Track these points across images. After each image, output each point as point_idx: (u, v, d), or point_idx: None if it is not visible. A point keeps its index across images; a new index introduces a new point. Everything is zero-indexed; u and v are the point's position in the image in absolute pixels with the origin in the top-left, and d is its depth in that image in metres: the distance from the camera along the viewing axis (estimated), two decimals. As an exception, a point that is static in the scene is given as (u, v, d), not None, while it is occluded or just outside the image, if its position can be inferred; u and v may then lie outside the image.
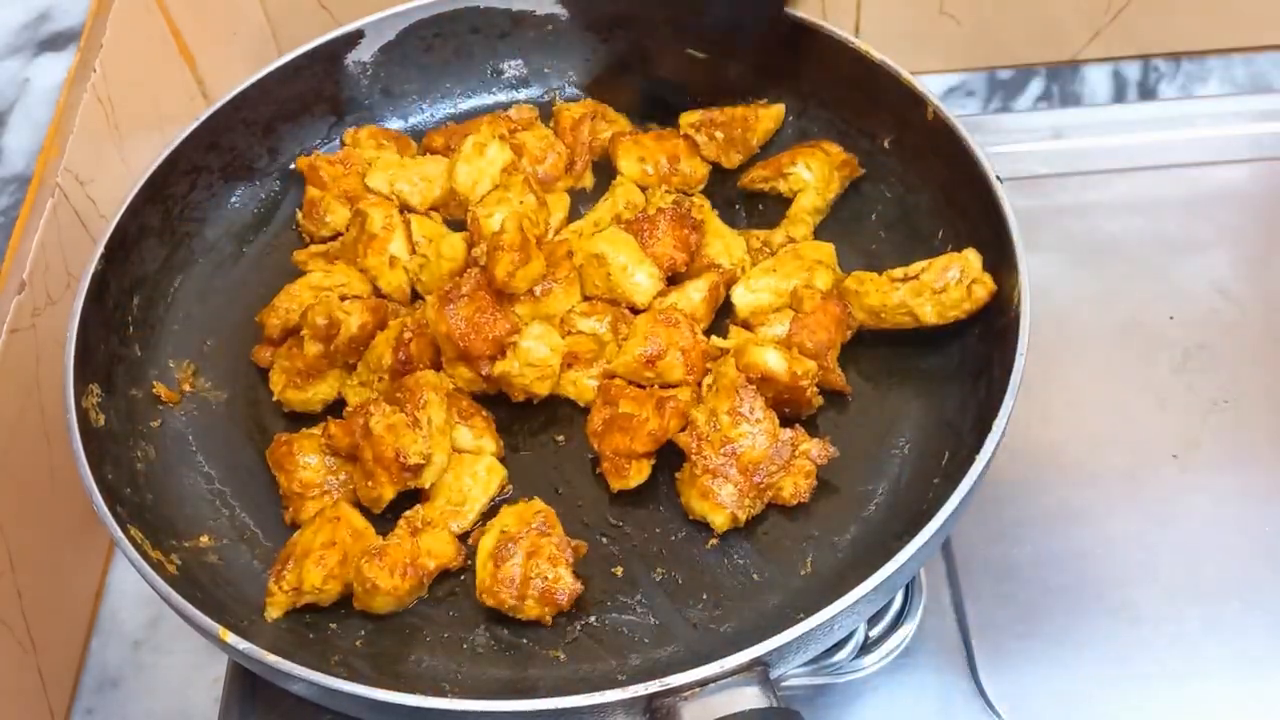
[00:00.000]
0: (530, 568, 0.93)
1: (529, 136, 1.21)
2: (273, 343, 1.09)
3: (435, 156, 1.20)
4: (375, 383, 1.05)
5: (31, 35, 1.17)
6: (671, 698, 0.81)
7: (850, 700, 1.04)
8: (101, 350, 1.05)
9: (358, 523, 0.98)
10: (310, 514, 1.00)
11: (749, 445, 0.96)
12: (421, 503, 1.00)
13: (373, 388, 1.05)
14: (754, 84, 1.23)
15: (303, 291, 1.09)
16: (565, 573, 0.94)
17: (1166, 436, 1.19)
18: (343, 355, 1.05)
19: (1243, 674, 1.05)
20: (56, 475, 1.10)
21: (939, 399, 1.04)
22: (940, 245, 1.12)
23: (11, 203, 1.08)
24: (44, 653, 1.07)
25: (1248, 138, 1.41)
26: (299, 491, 1.00)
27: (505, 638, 0.96)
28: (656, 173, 1.19)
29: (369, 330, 1.05)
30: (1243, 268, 1.31)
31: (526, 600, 0.93)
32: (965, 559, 1.11)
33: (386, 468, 0.97)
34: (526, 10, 1.27)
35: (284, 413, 1.08)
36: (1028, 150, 1.42)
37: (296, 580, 0.94)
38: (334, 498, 1.00)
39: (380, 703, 0.83)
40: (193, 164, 1.16)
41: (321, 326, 1.03)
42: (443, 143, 1.23)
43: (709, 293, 1.07)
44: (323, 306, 1.04)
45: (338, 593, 0.95)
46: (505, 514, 0.98)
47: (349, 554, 0.95)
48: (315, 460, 1.01)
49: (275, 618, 0.95)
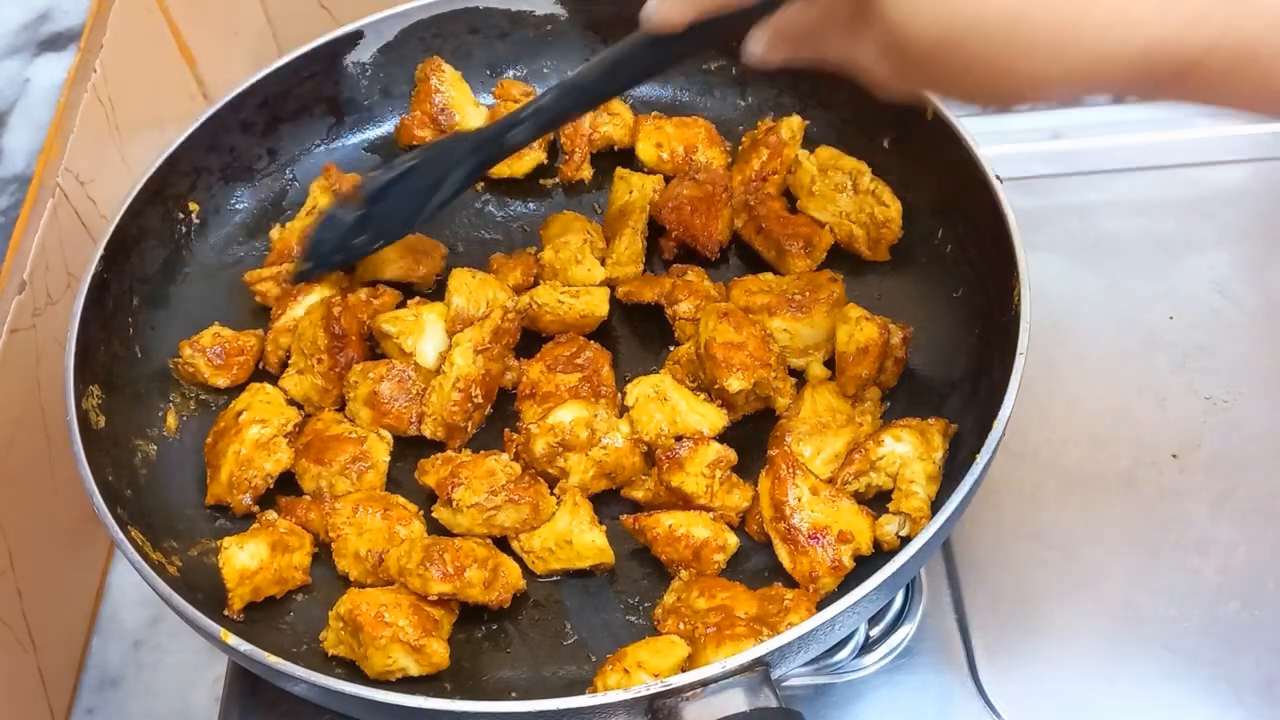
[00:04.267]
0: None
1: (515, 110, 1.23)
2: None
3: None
4: (314, 366, 1.06)
5: (31, 35, 1.17)
6: (673, 698, 0.81)
7: (850, 700, 1.04)
8: (102, 351, 1.05)
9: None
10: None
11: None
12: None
13: (313, 373, 1.06)
14: (752, 83, 1.24)
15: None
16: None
17: (1166, 436, 1.19)
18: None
19: (1243, 674, 1.05)
20: (57, 475, 1.10)
21: (938, 399, 1.04)
22: (940, 245, 1.12)
23: (12, 203, 1.08)
24: (44, 653, 1.07)
25: (1248, 138, 1.41)
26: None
27: (507, 635, 0.96)
28: (672, 160, 1.20)
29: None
30: (1243, 268, 1.31)
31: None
32: (965, 559, 1.11)
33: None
34: (526, 10, 1.27)
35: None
36: (1028, 150, 1.41)
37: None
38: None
39: (380, 703, 0.83)
40: (193, 164, 1.16)
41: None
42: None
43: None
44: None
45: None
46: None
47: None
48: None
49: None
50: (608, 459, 0.99)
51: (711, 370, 1.01)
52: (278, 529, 0.98)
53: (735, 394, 1.01)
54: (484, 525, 0.97)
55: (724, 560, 0.96)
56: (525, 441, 1.00)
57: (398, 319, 1.07)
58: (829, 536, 0.94)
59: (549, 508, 0.98)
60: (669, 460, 0.97)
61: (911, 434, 0.98)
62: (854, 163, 1.15)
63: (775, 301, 1.07)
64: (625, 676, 0.87)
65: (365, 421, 1.05)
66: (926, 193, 1.14)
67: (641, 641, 0.91)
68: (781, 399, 1.03)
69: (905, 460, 0.98)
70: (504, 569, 0.95)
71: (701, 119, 1.23)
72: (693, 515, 0.97)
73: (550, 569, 0.98)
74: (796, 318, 1.06)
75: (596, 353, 1.06)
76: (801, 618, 0.88)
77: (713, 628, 0.89)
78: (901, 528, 0.95)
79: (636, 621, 0.96)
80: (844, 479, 0.98)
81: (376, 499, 1.00)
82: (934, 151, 1.11)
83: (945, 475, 0.98)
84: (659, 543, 0.96)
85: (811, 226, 1.13)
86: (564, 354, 1.06)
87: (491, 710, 0.81)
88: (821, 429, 1.01)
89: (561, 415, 0.99)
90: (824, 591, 0.94)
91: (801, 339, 1.06)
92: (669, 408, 1.01)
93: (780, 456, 0.96)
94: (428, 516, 1.00)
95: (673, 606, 0.94)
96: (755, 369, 1.01)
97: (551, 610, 0.98)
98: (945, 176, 1.11)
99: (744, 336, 1.02)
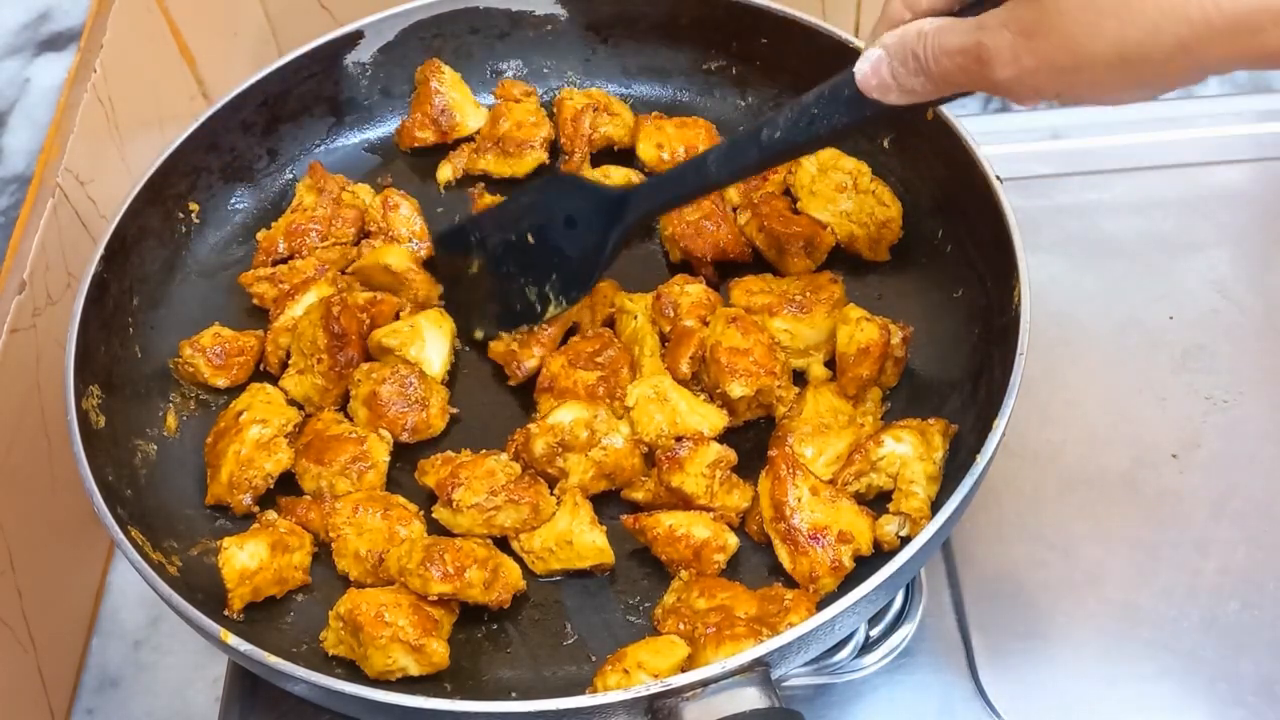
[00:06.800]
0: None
1: (516, 109, 1.23)
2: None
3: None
4: (314, 366, 1.06)
5: (32, 35, 1.17)
6: (673, 698, 0.81)
7: (850, 700, 1.04)
8: (102, 351, 1.04)
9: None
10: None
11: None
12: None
13: (313, 372, 1.06)
14: (752, 83, 1.24)
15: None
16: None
17: (1166, 436, 1.19)
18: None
19: (1243, 674, 1.05)
20: (57, 475, 1.10)
21: (938, 399, 1.04)
22: (940, 245, 1.12)
23: (12, 203, 1.08)
24: (44, 653, 1.07)
25: (1248, 138, 1.41)
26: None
27: (507, 635, 0.96)
28: (673, 160, 1.20)
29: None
30: (1243, 268, 1.31)
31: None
32: (965, 559, 1.11)
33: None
34: (526, 10, 1.27)
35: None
36: (1028, 150, 1.42)
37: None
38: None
39: (380, 703, 0.83)
40: (193, 165, 1.16)
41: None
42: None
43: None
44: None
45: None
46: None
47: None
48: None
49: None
50: (607, 460, 0.99)
51: (715, 374, 1.01)
52: (278, 529, 0.98)
53: (737, 399, 1.01)
54: (484, 526, 0.97)
55: (724, 560, 0.96)
56: (525, 441, 1.00)
57: (396, 332, 1.07)
58: (829, 537, 0.94)
59: (549, 508, 0.98)
60: (669, 461, 0.97)
61: (912, 434, 0.98)
62: (854, 163, 1.15)
63: (776, 302, 1.07)
64: (625, 676, 0.87)
65: (362, 421, 1.05)
66: (926, 193, 1.14)
67: (641, 641, 0.91)
68: (782, 407, 1.03)
69: (905, 460, 0.97)
70: (504, 569, 0.95)
71: (701, 119, 1.23)
72: (693, 515, 0.97)
73: (550, 569, 0.98)
74: (797, 318, 1.06)
75: (619, 352, 1.06)
76: (801, 618, 0.88)
77: (713, 628, 0.89)
78: (901, 528, 0.95)
79: (636, 621, 0.96)
80: (844, 479, 0.98)
81: (376, 499, 1.00)
82: (934, 151, 1.11)
83: (945, 475, 0.98)
84: (659, 543, 0.96)
85: (813, 227, 1.13)
86: (587, 350, 1.06)
87: (491, 710, 0.81)
88: (823, 430, 1.01)
89: (561, 415, 0.99)
90: (824, 592, 0.94)
91: (802, 339, 1.06)
92: (669, 408, 1.01)
93: (780, 457, 0.96)
94: (428, 517, 1.00)
95: (673, 606, 0.94)
96: (759, 376, 1.01)
97: (551, 610, 0.98)
98: (945, 176, 1.11)
99: (750, 343, 1.02)
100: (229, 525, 1.02)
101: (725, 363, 1.01)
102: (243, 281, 1.14)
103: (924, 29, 0.77)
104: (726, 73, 1.26)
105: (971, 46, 0.73)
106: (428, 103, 1.23)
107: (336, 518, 0.98)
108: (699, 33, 1.25)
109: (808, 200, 1.15)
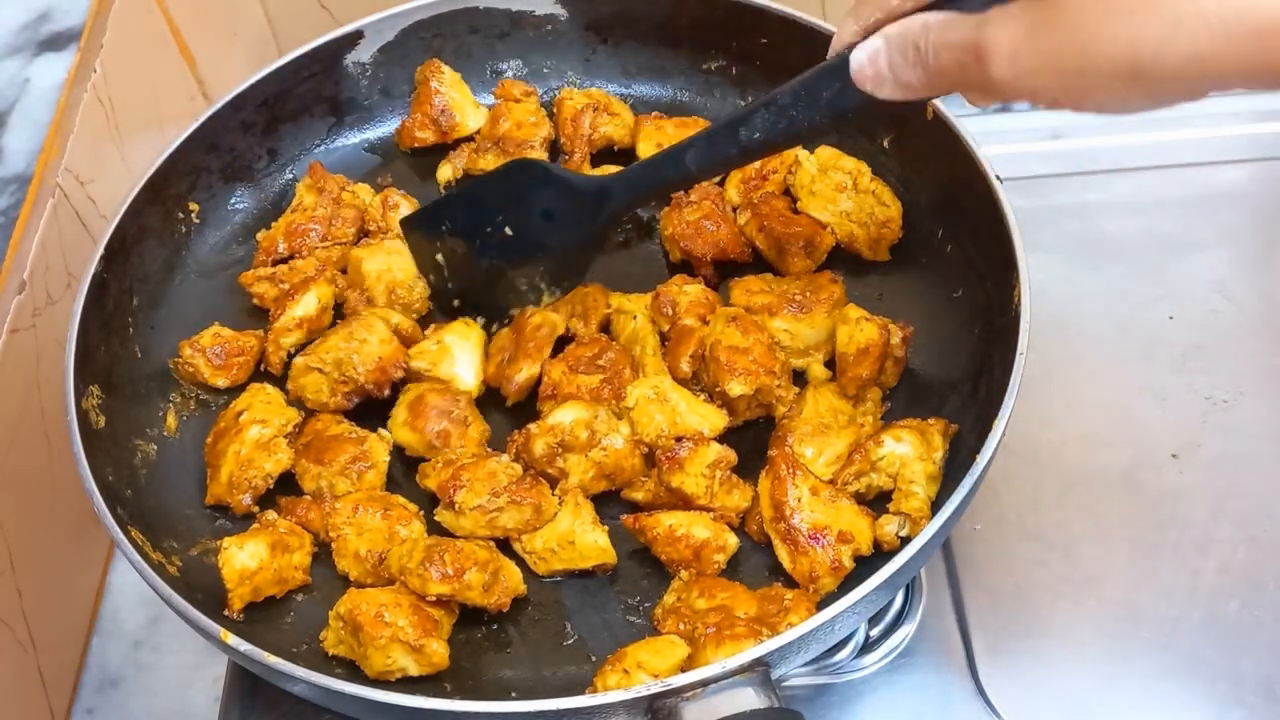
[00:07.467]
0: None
1: (516, 109, 1.23)
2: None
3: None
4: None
5: (31, 35, 1.17)
6: (673, 698, 0.81)
7: (850, 700, 1.04)
8: (102, 351, 1.04)
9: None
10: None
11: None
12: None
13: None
14: (752, 83, 1.24)
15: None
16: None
17: (1166, 436, 1.19)
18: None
19: (1243, 674, 1.05)
20: (57, 475, 1.10)
21: (938, 399, 1.04)
22: (940, 244, 1.12)
23: (12, 203, 1.08)
24: (44, 653, 1.07)
25: (1248, 138, 1.41)
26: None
27: (507, 635, 0.96)
28: None
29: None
30: (1243, 268, 1.31)
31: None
32: (965, 559, 1.11)
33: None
34: (526, 10, 1.27)
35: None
36: (1028, 150, 1.42)
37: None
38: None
39: (380, 703, 0.83)
40: (193, 165, 1.16)
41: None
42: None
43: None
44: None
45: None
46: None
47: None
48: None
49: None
50: (607, 460, 0.99)
51: (715, 373, 1.01)
52: (278, 529, 0.98)
53: (736, 399, 1.01)
54: (486, 527, 0.97)
55: (724, 560, 0.96)
56: (525, 442, 1.00)
57: (423, 353, 1.07)
58: (829, 537, 0.94)
59: (551, 508, 0.98)
60: (669, 461, 0.97)
61: (912, 434, 0.98)
62: (854, 163, 1.15)
63: (776, 302, 1.07)
64: (625, 676, 0.87)
65: (399, 421, 1.04)
66: (926, 193, 1.14)
67: (641, 641, 0.91)
68: (782, 407, 1.03)
69: (905, 460, 0.98)
70: (504, 573, 0.95)
71: (702, 119, 1.23)
72: (693, 515, 0.97)
73: (552, 569, 0.98)
74: (797, 318, 1.06)
75: (619, 354, 1.06)
76: (801, 618, 0.88)
77: (713, 628, 0.89)
78: (901, 528, 0.95)
79: (636, 621, 0.96)
80: (844, 479, 0.99)
81: (376, 499, 1.00)
82: (934, 151, 1.11)
83: (945, 475, 0.98)
84: (659, 543, 0.96)
85: (813, 227, 1.13)
86: (586, 355, 1.06)
87: (491, 710, 0.81)
88: (824, 430, 1.01)
89: (561, 416, 0.99)
90: (824, 592, 0.94)
91: (802, 339, 1.06)
92: (669, 409, 1.01)
93: (780, 457, 0.96)
94: (429, 518, 1.00)
95: (673, 606, 0.94)
96: (759, 375, 1.01)
97: (552, 610, 0.98)
98: (945, 176, 1.11)
99: (750, 342, 1.02)
100: (229, 525, 1.02)
101: (725, 361, 1.01)
102: (243, 281, 1.14)
103: (929, 21, 0.76)
104: (726, 73, 1.26)
105: (972, 41, 0.72)
106: (428, 103, 1.23)
107: (336, 518, 0.98)
108: (699, 33, 1.25)
109: (808, 200, 1.15)
